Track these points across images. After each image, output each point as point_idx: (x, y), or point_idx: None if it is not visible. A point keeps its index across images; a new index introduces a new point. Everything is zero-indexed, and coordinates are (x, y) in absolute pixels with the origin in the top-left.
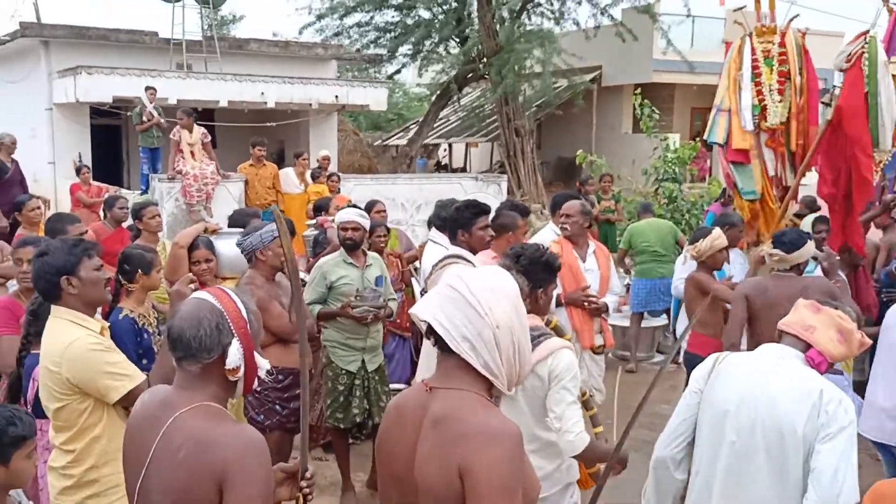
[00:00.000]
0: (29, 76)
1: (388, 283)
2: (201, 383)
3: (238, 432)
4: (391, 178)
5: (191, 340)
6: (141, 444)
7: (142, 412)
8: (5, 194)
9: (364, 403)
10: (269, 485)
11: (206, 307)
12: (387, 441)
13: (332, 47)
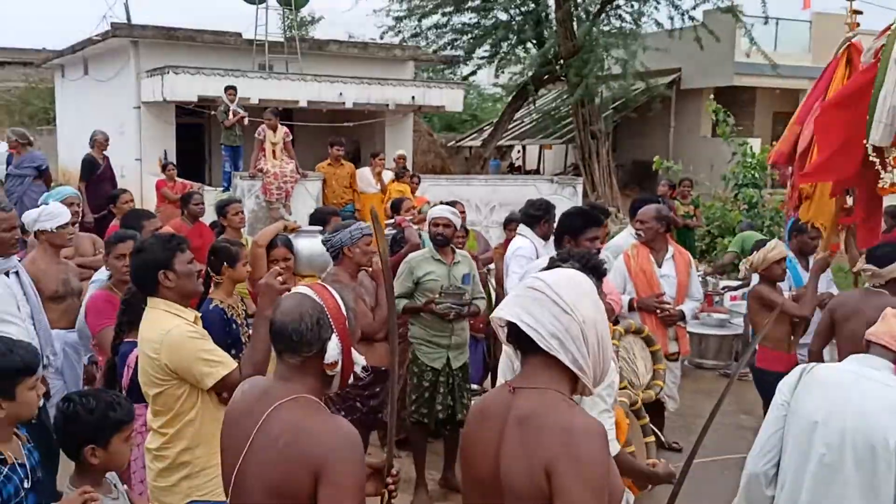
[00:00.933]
0: (118, 75)
1: (476, 282)
2: (300, 376)
3: (335, 425)
4: (465, 179)
5: (292, 334)
6: (240, 432)
7: (241, 401)
8: (97, 189)
9: (448, 400)
10: (362, 478)
11: (308, 302)
12: (471, 442)
13: (409, 48)
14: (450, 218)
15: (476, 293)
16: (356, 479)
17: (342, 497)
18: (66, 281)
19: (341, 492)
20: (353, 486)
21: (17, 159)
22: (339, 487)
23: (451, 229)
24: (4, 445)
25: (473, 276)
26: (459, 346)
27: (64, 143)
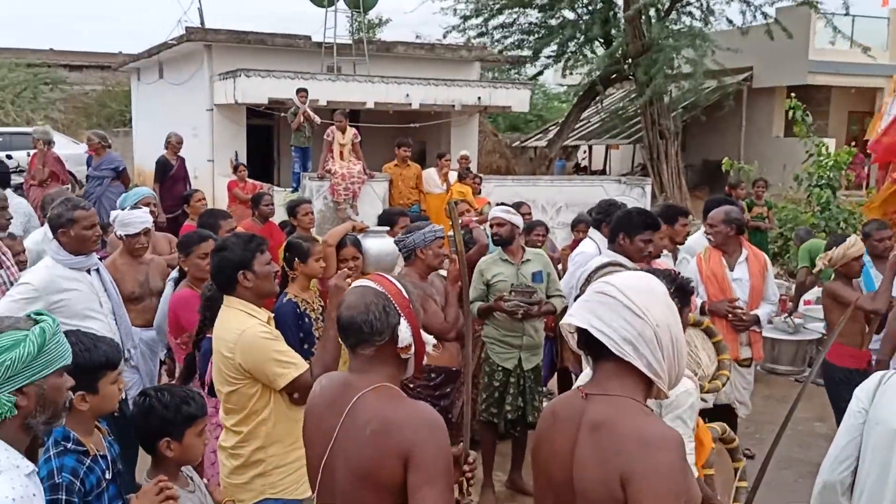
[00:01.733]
0: (192, 78)
1: (552, 280)
2: (376, 366)
3: (421, 412)
4: (531, 179)
5: (362, 325)
6: (324, 424)
7: (322, 395)
8: (171, 190)
9: (518, 401)
10: (449, 462)
11: (370, 293)
12: (543, 446)
13: (476, 49)
14: (503, 217)
15: (552, 291)
16: (444, 463)
17: (432, 481)
18: (144, 282)
19: (431, 476)
20: (441, 471)
21: (96, 161)
22: (429, 472)
23: (508, 227)
24: (87, 438)
25: (549, 275)
26: (532, 348)
27: (139, 144)
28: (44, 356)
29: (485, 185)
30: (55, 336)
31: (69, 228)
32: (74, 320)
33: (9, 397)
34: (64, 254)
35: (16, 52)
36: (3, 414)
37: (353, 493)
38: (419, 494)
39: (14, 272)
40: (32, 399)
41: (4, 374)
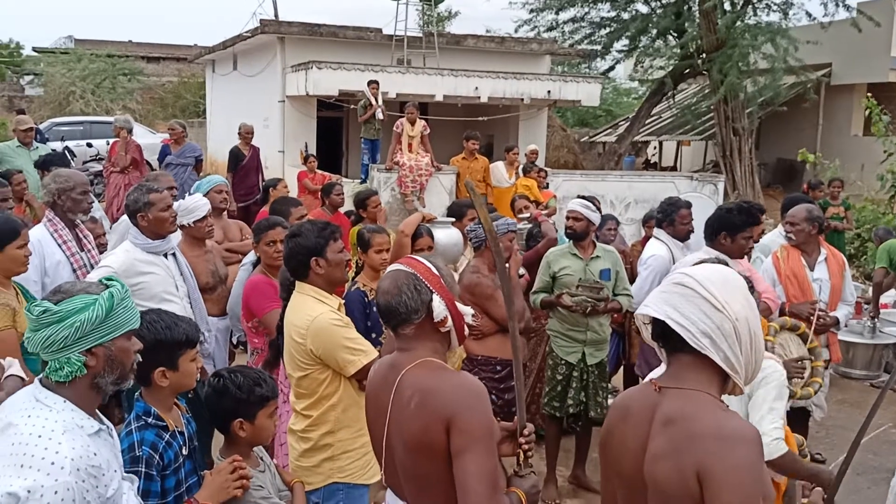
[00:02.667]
0: (265, 70)
1: (621, 278)
2: (418, 342)
3: (460, 379)
4: (601, 174)
5: (398, 307)
6: (379, 403)
7: (376, 377)
8: (243, 180)
9: (580, 396)
10: (490, 426)
11: (401, 275)
12: (613, 439)
13: (546, 42)
14: (581, 212)
15: (620, 289)
16: (484, 427)
17: (473, 444)
18: (214, 271)
19: (472, 439)
20: (482, 434)
21: (176, 149)
22: (470, 435)
23: (584, 223)
24: (167, 414)
25: (617, 273)
26: (597, 343)
27: (213, 134)
28: (112, 319)
29: (553, 179)
30: (123, 301)
31: (147, 212)
32: (152, 303)
33: (79, 357)
34: (142, 238)
35: (97, 43)
36: (74, 372)
37: (410, 464)
38: (461, 459)
39: (95, 255)
40: (101, 359)
41: (74, 334)
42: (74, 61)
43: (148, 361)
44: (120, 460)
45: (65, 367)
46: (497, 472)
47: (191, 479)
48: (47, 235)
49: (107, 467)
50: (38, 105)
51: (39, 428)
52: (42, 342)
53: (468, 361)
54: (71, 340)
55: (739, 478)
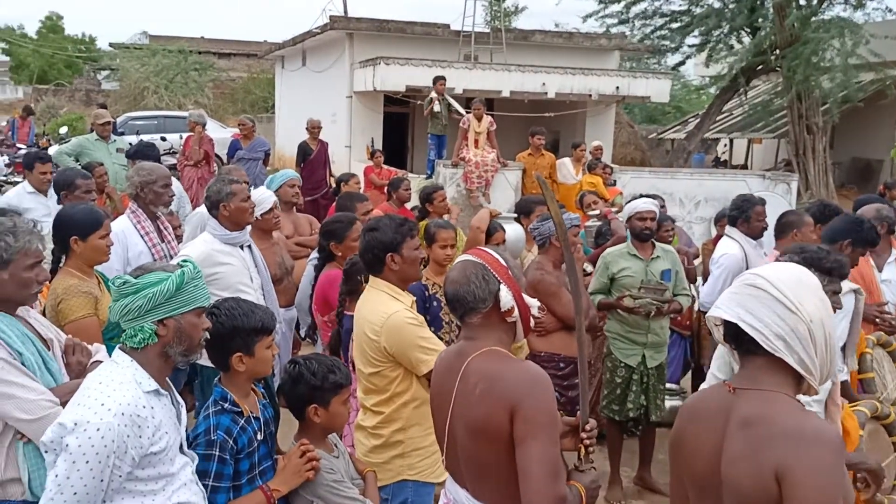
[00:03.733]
0: (333, 66)
1: (680, 278)
2: (484, 331)
3: (524, 367)
4: (670, 172)
5: (465, 296)
6: (444, 391)
7: (441, 365)
8: (311, 174)
9: (640, 399)
10: (553, 414)
11: (469, 265)
12: (684, 441)
13: (615, 38)
14: (656, 212)
15: (679, 290)
16: (547, 415)
17: (536, 431)
18: (281, 263)
19: (535, 426)
20: (544, 421)
21: (246, 144)
22: (533, 423)
23: (656, 222)
24: (243, 400)
25: (677, 273)
26: (657, 346)
27: (281, 129)
28: (182, 295)
29: (621, 176)
30: (194, 280)
31: (228, 202)
32: (227, 293)
33: (151, 325)
34: (220, 229)
35: (170, 39)
36: (146, 339)
37: (472, 449)
38: (523, 446)
39: (174, 246)
40: (171, 331)
41: (147, 305)
42: (148, 56)
43: (226, 347)
44: (179, 429)
45: (138, 335)
46: (559, 459)
47: (265, 462)
48: (130, 227)
49: (157, 425)
50: (114, 99)
51: (102, 377)
52: (120, 310)
53: (531, 358)
54: (144, 310)
55: (820, 479)
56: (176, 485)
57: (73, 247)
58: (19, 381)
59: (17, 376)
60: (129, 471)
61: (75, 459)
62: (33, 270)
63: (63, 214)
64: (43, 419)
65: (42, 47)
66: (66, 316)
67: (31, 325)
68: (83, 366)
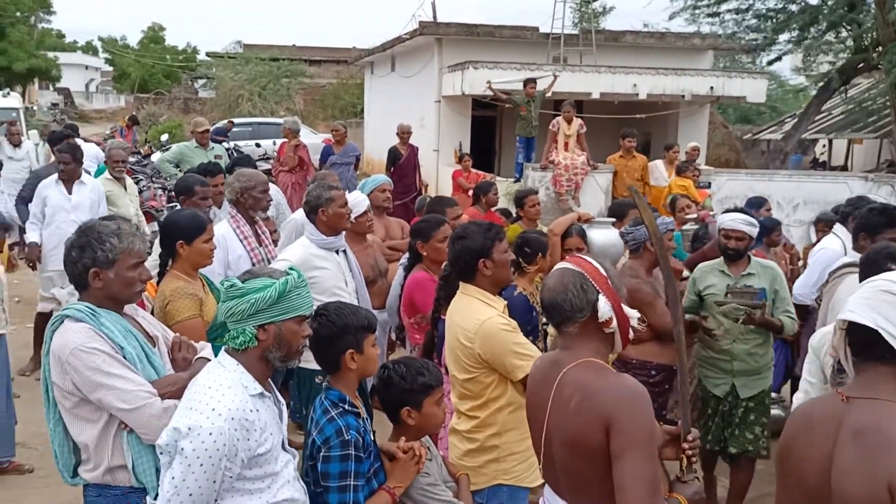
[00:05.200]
0: (422, 71)
1: (782, 298)
2: (581, 342)
3: (621, 381)
4: (767, 174)
5: (562, 304)
6: (539, 400)
7: (537, 373)
8: (400, 178)
9: (723, 433)
10: (652, 430)
11: (568, 273)
12: (793, 450)
13: (709, 37)
14: (744, 230)
15: (780, 312)
16: (645, 430)
17: (633, 446)
18: (374, 265)
19: (632, 442)
20: (643, 438)
21: (338, 150)
22: (629, 438)
23: (746, 242)
24: (356, 401)
25: (777, 292)
26: (750, 373)
27: (370, 134)
28: (284, 302)
29: (716, 178)
30: (297, 289)
31: (327, 207)
32: (323, 297)
33: (252, 329)
34: (318, 234)
35: (263, 48)
36: (246, 342)
37: (569, 462)
38: (620, 461)
39: (272, 250)
40: (271, 336)
41: (249, 310)
42: (242, 65)
43: (338, 345)
44: (282, 429)
45: (240, 337)
46: (656, 476)
47: (376, 462)
48: (231, 231)
49: (262, 427)
50: (210, 107)
51: (211, 381)
52: (225, 311)
53: (621, 364)
54: (247, 314)
55: None
56: (280, 482)
57: (179, 251)
58: (120, 372)
59: (117, 368)
60: (239, 472)
61: (190, 463)
62: (136, 270)
63: (169, 220)
64: (140, 409)
65: (142, 57)
66: (174, 317)
67: (137, 322)
68: (188, 362)
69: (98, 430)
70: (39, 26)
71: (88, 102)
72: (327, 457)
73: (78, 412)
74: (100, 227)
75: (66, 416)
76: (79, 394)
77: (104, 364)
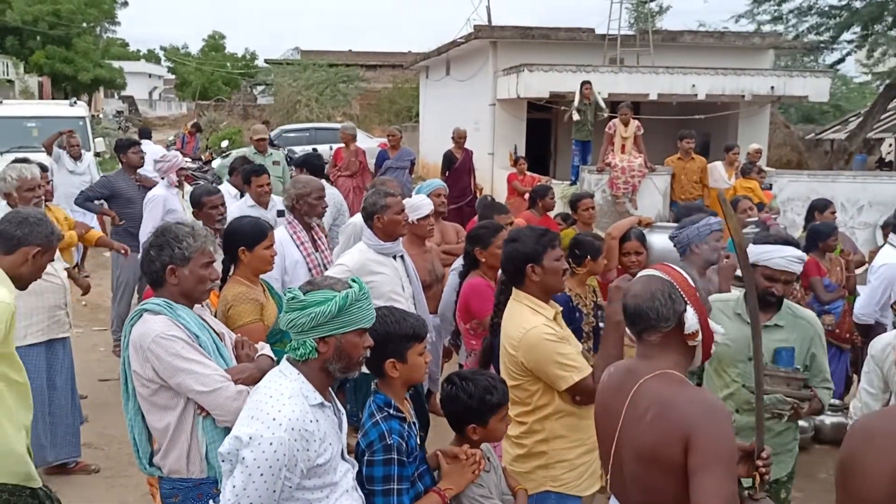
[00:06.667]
0: (477, 74)
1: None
2: (662, 352)
3: (701, 396)
4: (830, 175)
5: (648, 312)
6: (611, 410)
7: (610, 381)
8: (455, 182)
9: None
10: (732, 447)
11: (656, 281)
12: (856, 461)
13: (769, 36)
14: (791, 270)
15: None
16: (725, 447)
17: (712, 463)
18: (431, 270)
19: (712, 458)
20: (722, 456)
21: (395, 154)
22: (709, 454)
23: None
24: (403, 406)
25: (815, 357)
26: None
27: (425, 138)
28: (345, 316)
29: (777, 179)
30: (358, 302)
31: (383, 214)
32: (380, 301)
33: (312, 342)
34: (375, 240)
35: (320, 53)
36: (307, 354)
37: (641, 474)
38: (698, 478)
39: (328, 255)
40: (331, 348)
41: (310, 322)
42: (300, 71)
43: (380, 353)
44: (341, 439)
45: (300, 348)
46: (735, 495)
47: (421, 466)
48: (287, 237)
49: (322, 437)
50: (269, 113)
51: (272, 390)
52: (287, 322)
53: None
54: (308, 327)
55: None
56: (339, 492)
57: (240, 257)
58: (197, 358)
59: (195, 355)
60: (298, 481)
61: (251, 472)
62: (208, 269)
63: (232, 227)
64: (217, 391)
65: (203, 65)
66: (235, 321)
67: (205, 320)
68: (251, 359)
69: (176, 416)
70: (105, 36)
71: (152, 110)
72: (371, 461)
73: (156, 400)
74: (176, 229)
75: (145, 404)
76: (158, 381)
77: (183, 350)
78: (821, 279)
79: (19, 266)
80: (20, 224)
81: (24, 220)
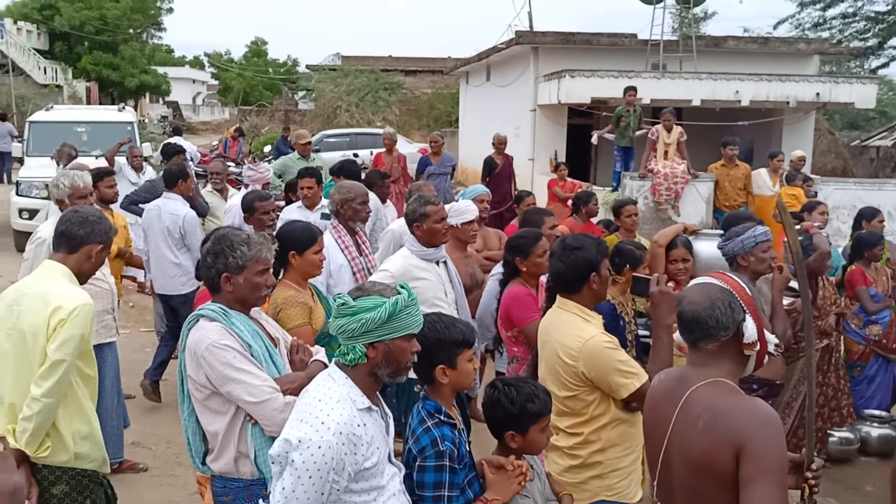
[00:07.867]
0: (518, 80)
1: None
2: (715, 360)
3: (755, 405)
4: (877, 183)
5: (707, 320)
6: (661, 417)
7: (660, 388)
8: (496, 188)
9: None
10: (784, 458)
11: (715, 289)
12: None
13: (815, 42)
14: None
15: None
16: (777, 458)
17: (764, 474)
18: (472, 275)
19: (764, 469)
20: (774, 465)
21: (436, 160)
22: (761, 465)
23: None
24: (453, 412)
25: None
26: None
27: (464, 143)
28: (394, 322)
29: (822, 187)
30: (407, 308)
31: (422, 222)
32: (423, 307)
33: (361, 348)
34: (417, 246)
35: (361, 59)
36: (356, 359)
37: (690, 483)
38: (750, 488)
39: (371, 259)
40: (380, 354)
41: (360, 328)
42: (341, 77)
43: (430, 359)
44: (388, 442)
45: (350, 354)
46: None
47: (470, 473)
48: (332, 241)
49: (369, 441)
50: (310, 118)
51: (321, 394)
52: (337, 328)
53: None
54: (357, 333)
55: None
56: (386, 496)
57: (290, 261)
58: (248, 368)
59: (246, 365)
60: (346, 485)
61: (300, 475)
62: (263, 276)
63: (282, 231)
64: (265, 402)
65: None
66: (285, 324)
67: (261, 324)
68: (305, 363)
69: (226, 421)
70: (150, 42)
71: (195, 115)
72: (422, 466)
73: (209, 404)
74: (231, 236)
75: (199, 407)
76: (210, 387)
77: (235, 360)
78: (867, 289)
79: (83, 264)
80: (82, 223)
81: (85, 220)
